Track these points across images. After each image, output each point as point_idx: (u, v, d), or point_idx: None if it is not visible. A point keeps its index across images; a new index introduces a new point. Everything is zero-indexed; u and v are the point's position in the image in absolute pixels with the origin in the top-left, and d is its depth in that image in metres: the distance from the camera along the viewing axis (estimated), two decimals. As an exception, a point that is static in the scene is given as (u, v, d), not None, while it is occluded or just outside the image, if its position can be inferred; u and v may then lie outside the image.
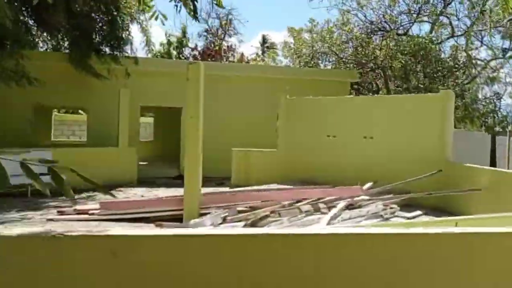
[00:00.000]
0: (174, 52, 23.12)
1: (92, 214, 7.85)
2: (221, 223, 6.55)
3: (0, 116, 13.18)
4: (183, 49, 23.41)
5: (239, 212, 7.70)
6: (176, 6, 4.61)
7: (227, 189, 11.80)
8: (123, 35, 13.86)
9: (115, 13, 13.56)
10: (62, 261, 1.98)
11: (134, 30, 14.83)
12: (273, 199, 7.92)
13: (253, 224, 6.49)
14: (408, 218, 8.56)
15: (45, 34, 14.04)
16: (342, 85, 15.82)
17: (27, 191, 10.28)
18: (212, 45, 22.93)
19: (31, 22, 13.46)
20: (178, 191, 11.51)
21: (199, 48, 22.91)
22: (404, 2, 15.66)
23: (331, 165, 12.01)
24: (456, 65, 15.85)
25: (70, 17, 12.20)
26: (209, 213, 7.64)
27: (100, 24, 13.38)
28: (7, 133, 13.01)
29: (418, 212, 9.29)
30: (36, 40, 16.12)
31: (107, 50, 13.92)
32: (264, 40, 32.46)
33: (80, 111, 21.14)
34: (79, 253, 1.97)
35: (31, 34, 13.62)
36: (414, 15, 16.26)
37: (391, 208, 8.96)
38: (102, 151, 12.75)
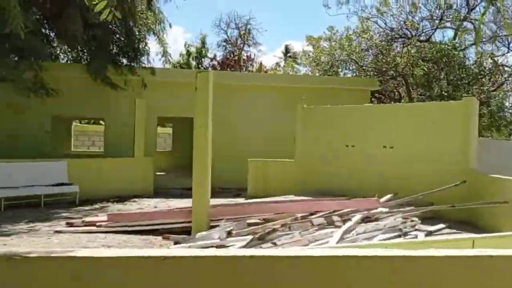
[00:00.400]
0: (194, 63, 23.16)
1: (100, 226, 7.70)
2: (227, 237, 6.27)
3: (19, 127, 13.31)
4: (202, 59, 23.43)
5: (250, 225, 7.43)
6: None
7: (241, 200, 11.56)
8: (140, 46, 13.88)
9: (131, 24, 13.61)
10: (19, 285, 1.80)
11: (151, 41, 14.78)
12: (285, 211, 7.61)
13: (261, 238, 6.20)
14: (430, 232, 8.11)
15: (65, 46, 14.14)
16: (362, 93, 15.44)
17: (40, 201, 10.25)
18: (231, 55, 22.86)
19: (51, 34, 13.55)
20: (191, 202, 11.35)
21: (218, 58, 22.96)
22: (426, 8, 15.24)
23: (350, 176, 11.63)
24: (482, 72, 15.25)
25: (88, 28, 12.29)
26: (218, 225, 7.39)
27: (117, 36, 13.40)
28: (27, 143, 13.10)
29: (441, 226, 8.82)
30: (57, 51, 16.33)
31: (124, 61, 13.95)
32: (287, 50, 32.31)
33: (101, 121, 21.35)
34: (38, 276, 1.79)
35: (51, 46, 13.76)
36: (437, 21, 15.78)
37: (412, 221, 8.54)
38: (118, 162, 12.69)
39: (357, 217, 7.40)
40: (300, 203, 7.76)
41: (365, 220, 7.84)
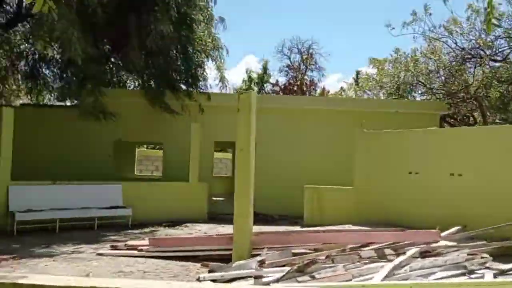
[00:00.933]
0: (256, 88, 23.20)
1: (141, 250, 7.53)
2: (259, 267, 5.80)
3: (83, 152, 13.80)
4: (264, 85, 23.39)
5: (295, 255, 6.92)
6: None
7: (295, 228, 11.02)
8: (197, 72, 14.01)
9: (190, 50, 13.80)
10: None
11: (210, 66, 14.89)
12: (332, 241, 7.01)
13: (300, 270, 5.66)
14: (502, 271, 7.09)
15: (128, 73, 14.63)
16: (431, 118, 14.39)
17: (94, 224, 10.38)
18: (294, 80, 22.60)
19: (117, 61, 14.04)
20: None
21: (280, 84, 22.80)
22: (501, 27, 14.00)
23: (413, 206, 10.72)
24: None
25: (148, 55, 12.60)
26: (259, 254, 6.95)
27: (177, 62, 13.62)
28: (90, 168, 13.51)
29: (517, 264, 7.74)
30: (124, 79, 16.96)
31: (182, 86, 14.13)
32: (358, 75, 31.57)
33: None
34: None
35: (113, 72, 14.27)
36: (514, 40, 14.48)
37: (482, 257, 7.55)
38: (172, 186, 12.69)
39: (413, 250, 6.62)
40: (349, 234, 7.11)
41: (424, 255, 7.02)
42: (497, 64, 14.14)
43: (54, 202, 10.08)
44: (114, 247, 7.99)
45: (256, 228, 10.61)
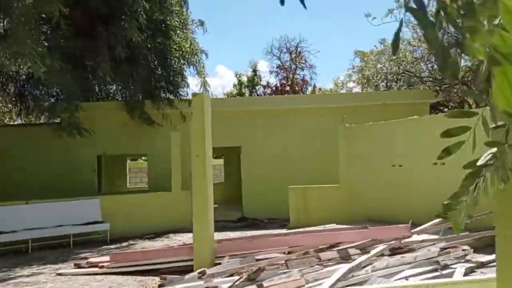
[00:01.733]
0: (247, 91, 22.83)
1: (102, 267, 7.24)
2: (200, 279, 5.45)
3: (67, 169, 13.60)
4: (256, 87, 23.00)
5: (258, 261, 6.56)
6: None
7: (281, 231, 10.64)
8: (178, 79, 13.74)
9: (168, 57, 13.55)
10: None
11: (192, 72, 14.58)
12: (295, 244, 6.63)
13: (250, 279, 5.30)
14: (482, 264, 6.64)
15: (103, 84, 14.35)
16: (419, 107, 13.88)
17: (70, 242, 10.13)
18: (286, 80, 22.18)
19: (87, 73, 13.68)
20: (225, 235, 10.64)
21: (271, 85, 22.40)
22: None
23: (399, 200, 10.27)
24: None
25: (122, 65, 12.35)
26: (220, 263, 6.61)
27: (155, 70, 13.36)
28: (74, 183, 13.32)
29: (501, 255, 7.26)
30: (112, 91, 16.63)
31: (163, 94, 13.88)
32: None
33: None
34: None
35: (92, 86, 14.03)
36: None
37: (464, 250, 7.12)
38: (154, 196, 12.40)
39: (378, 248, 6.20)
40: (312, 235, 6.72)
41: (394, 251, 6.61)
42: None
43: (28, 222, 9.85)
44: (77, 266, 7.71)
45: (250, 233, 10.32)
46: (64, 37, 11.11)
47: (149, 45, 12.88)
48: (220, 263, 6.62)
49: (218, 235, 10.84)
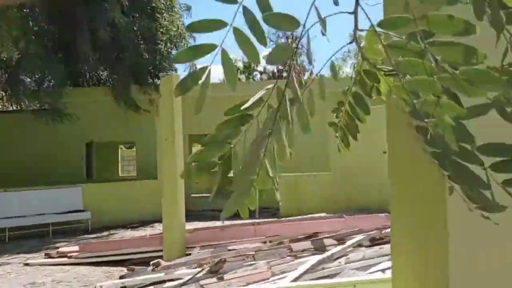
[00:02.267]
0: (243, 77, 22.34)
1: (70, 257, 6.93)
2: (154, 271, 5.10)
3: (53, 153, 13.28)
4: (252, 73, 22.52)
5: (229, 250, 6.22)
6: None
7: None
8: (164, 63, 13.32)
9: (156, 40, 13.13)
10: None
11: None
12: (266, 234, 6.27)
13: (212, 271, 4.94)
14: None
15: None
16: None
17: (49, 230, 9.85)
18: (284, 66, 21.49)
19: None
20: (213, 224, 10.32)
21: (268, 71, 21.91)
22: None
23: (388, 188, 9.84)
24: None
25: (106, 48, 11.95)
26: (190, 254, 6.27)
27: (142, 54, 12.93)
28: (61, 171, 13.04)
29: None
30: (101, 77, 16.22)
31: (150, 80, 13.48)
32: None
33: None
34: None
35: (81, 71, 13.58)
36: None
37: None
38: (139, 185, 12.08)
39: (354, 240, 5.81)
40: (287, 225, 6.34)
41: (375, 242, 6.21)
42: None
43: (6, 210, 9.56)
44: (47, 255, 7.41)
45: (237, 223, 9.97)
46: (42, 21, 10.72)
47: (134, 28, 12.49)
48: (191, 254, 6.29)
49: (204, 224, 10.60)
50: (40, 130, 12.88)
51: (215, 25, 0.75)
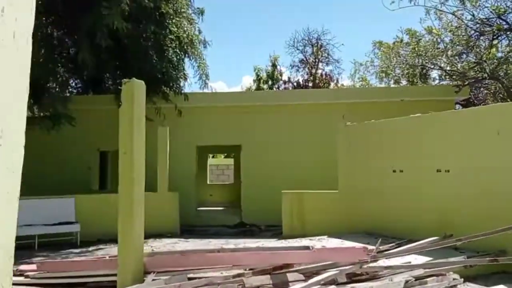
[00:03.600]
0: (265, 87, 21.58)
1: (27, 276, 6.42)
2: None
3: (59, 164, 13.08)
4: (275, 82, 21.71)
5: (190, 279, 5.52)
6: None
7: (270, 241, 9.51)
8: (173, 71, 12.85)
9: (165, 47, 12.69)
10: None
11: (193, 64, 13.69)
12: (233, 263, 5.50)
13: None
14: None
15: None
16: (444, 104, 12.17)
17: (35, 243, 9.48)
18: (309, 75, 20.76)
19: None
20: (210, 244, 9.64)
21: (293, 80, 21.07)
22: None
23: (402, 210, 8.81)
24: None
25: (105, 56, 11.61)
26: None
27: (148, 62, 12.50)
28: (68, 181, 12.78)
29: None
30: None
31: (160, 88, 13.03)
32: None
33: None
34: None
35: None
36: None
37: (455, 279, 5.75)
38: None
39: (326, 275, 4.93)
40: (253, 254, 5.53)
41: (354, 279, 5.31)
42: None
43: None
44: (20, 272, 6.94)
45: (239, 242, 9.23)
46: (44, 26, 10.49)
47: (143, 35, 12.09)
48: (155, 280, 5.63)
49: (196, 244, 9.93)
50: (46, 140, 12.72)
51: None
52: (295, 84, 20.92)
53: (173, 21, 12.70)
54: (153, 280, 5.63)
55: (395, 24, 42.68)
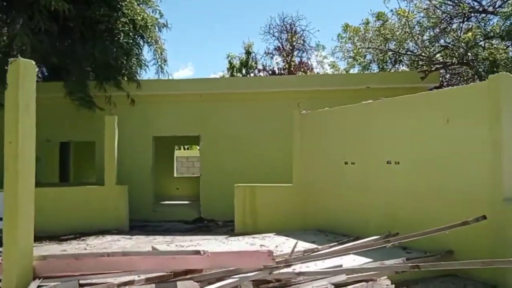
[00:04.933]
0: (240, 76, 20.76)
1: None
2: None
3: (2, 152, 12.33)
4: (250, 71, 20.89)
5: (81, 285, 4.85)
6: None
7: (220, 238, 8.80)
8: (125, 57, 12.08)
9: (117, 31, 11.91)
10: None
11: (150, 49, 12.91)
12: (128, 269, 4.80)
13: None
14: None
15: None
16: (414, 92, 11.41)
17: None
18: (285, 62, 19.95)
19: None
20: (154, 242, 8.98)
21: (268, 69, 20.27)
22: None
23: (353, 206, 8.11)
24: None
25: (50, 40, 10.84)
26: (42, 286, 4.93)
27: (98, 46, 11.70)
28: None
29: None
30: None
31: (112, 75, 12.27)
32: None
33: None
34: None
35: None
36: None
37: (387, 286, 5.09)
38: (84, 191, 10.87)
39: (224, 283, 4.23)
40: (150, 258, 4.82)
41: (261, 287, 4.60)
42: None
43: None
44: None
45: (199, 239, 8.51)
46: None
47: (92, 17, 11.30)
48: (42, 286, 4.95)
49: (139, 241, 9.24)
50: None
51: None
52: (270, 72, 20.15)
53: (126, 2, 11.91)
54: (39, 286, 4.93)
55: (372, 7, 41.29)
